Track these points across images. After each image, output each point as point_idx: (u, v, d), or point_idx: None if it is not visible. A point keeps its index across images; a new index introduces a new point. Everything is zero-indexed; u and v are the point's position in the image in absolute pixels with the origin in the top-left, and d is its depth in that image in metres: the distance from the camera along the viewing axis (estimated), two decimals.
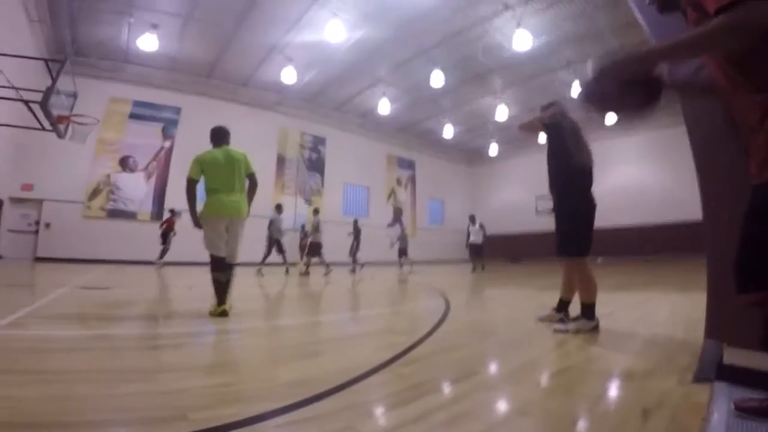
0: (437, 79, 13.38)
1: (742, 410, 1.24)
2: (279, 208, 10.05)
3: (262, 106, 15.80)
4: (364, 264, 12.45)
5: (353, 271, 11.14)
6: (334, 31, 10.71)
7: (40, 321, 2.95)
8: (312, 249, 10.07)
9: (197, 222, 3.50)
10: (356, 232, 11.94)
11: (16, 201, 11.40)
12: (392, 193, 20.61)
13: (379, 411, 1.44)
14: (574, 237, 2.83)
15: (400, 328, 3.17)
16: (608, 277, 7.98)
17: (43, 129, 6.76)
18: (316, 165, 17.46)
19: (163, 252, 10.63)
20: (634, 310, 3.65)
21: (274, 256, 9.60)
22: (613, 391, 1.62)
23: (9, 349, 2.11)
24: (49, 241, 11.53)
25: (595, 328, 2.67)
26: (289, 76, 13.06)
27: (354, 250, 11.87)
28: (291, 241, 12.28)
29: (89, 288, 5.49)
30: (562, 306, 3.07)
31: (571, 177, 2.88)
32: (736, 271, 1.09)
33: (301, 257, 11.05)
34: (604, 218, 3.65)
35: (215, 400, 1.45)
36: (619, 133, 17.73)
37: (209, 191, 3.50)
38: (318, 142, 17.61)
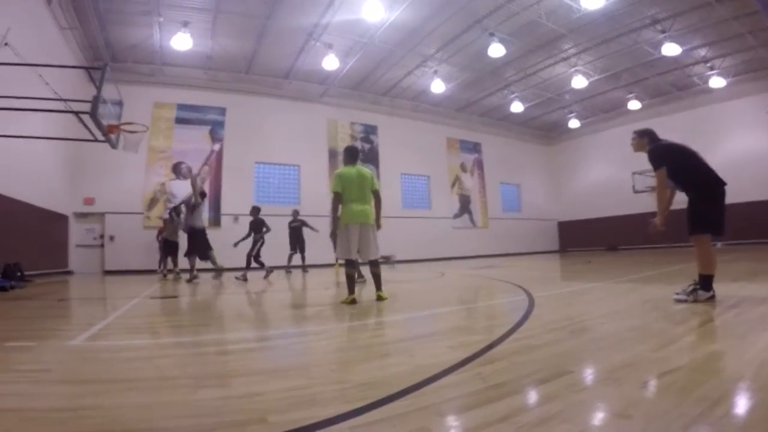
0: (496, 50, 12.95)
1: None
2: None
3: (306, 98, 16.41)
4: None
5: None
6: (372, 10, 10.79)
7: (118, 332, 3.39)
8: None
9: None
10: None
11: (80, 216, 12.94)
12: (456, 181, 20.36)
13: (456, 411, 1.49)
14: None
15: (474, 326, 3.20)
16: (733, 263, 7.44)
17: (96, 140, 7.10)
18: (370, 156, 17.72)
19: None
20: (763, 303, 3.34)
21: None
22: (735, 393, 1.52)
23: (95, 359, 2.47)
24: (114, 254, 12.92)
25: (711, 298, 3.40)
26: (330, 63, 13.38)
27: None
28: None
29: (158, 297, 6.18)
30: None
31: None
32: None
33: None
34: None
35: (291, 403, 1.60)
36: (736, 94, 15.95)
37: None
38: (369, 131, 17.90)
